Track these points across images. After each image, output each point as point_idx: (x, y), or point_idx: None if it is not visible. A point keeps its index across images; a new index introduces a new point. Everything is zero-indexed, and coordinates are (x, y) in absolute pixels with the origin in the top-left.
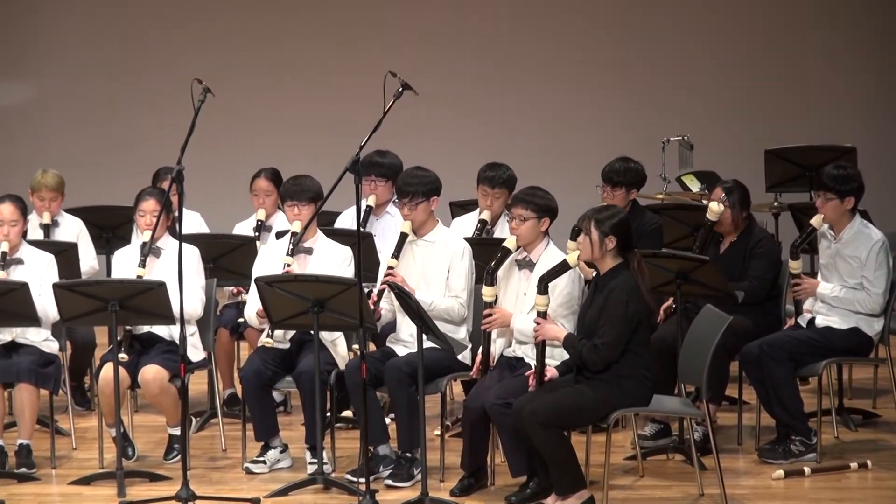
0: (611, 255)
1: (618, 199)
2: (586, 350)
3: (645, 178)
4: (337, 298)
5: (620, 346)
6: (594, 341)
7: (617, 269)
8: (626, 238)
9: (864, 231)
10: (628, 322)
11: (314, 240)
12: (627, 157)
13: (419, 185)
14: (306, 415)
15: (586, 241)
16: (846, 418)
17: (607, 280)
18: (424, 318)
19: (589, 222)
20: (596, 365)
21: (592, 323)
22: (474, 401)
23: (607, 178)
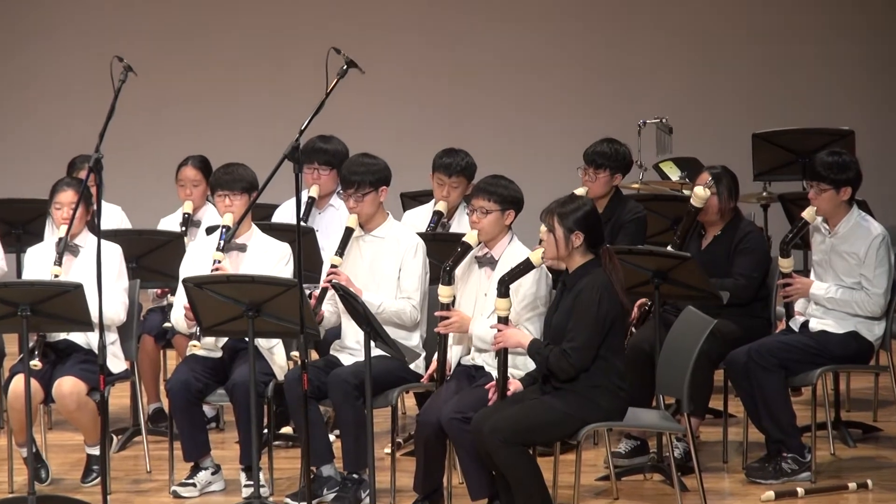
0: (579, 252)
1: (600, 183)
2: (553, 356)
3: (631, 163)
4: (274, 301)
5: (592, 350)
6: (562, 346)
7: (587, 267)
8: (595, 232)
9: (862, 224)
10: (600, 324)
11: (248, 235)
12: (614, 139)
13: (366, 174)
14: (241, 431)
15: (550, 238)
16: (844, 433)
17: (576, 279)
18: (372, 323)
19: (552, 217)
20: (565, 373)
21: (560, 327)
22: (429, 415)
23: (590, 160)
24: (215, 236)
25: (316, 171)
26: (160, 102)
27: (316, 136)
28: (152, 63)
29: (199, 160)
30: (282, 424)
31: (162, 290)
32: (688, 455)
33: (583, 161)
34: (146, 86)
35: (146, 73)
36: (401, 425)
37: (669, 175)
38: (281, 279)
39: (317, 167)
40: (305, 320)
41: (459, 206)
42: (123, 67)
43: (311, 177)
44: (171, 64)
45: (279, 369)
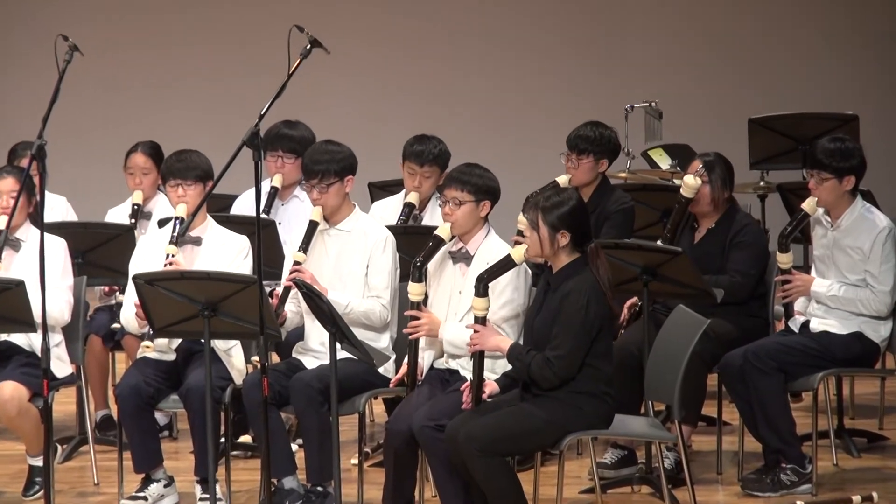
0: (565, 251)
1: (583, 170)
2: (536, 364)
3: (618, 149)
4: (232, 299)
5: (578, 359)
6: (546, 354)
7: (573, 267)
8: (583, 230)
9: (867, 217)
10: (587, 331)
11: (204, 228)
12: (599, 122)
13: (330, 163)
14: (196, 441)
15: (534, 236)
16: (847, 442)
17: (562, 279)
18: (338, 323)
19: (535, 213)
20: (548, 382)
21: (543, 330)
22: (399, 423)
23: (573, 145)
24: (168, 229)
25: (280, 159)
26: (109, 85)
27: (281, 121)
28: (100, 42)
29: (150, 146)
30: (240, 433)
31: (110, 287)
32: (679, 466)
33: (565, 146)
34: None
35: (94, 52)
36: (369, 434)
37: (659, 163)
38: (239, 276)
39: (281, 155)
40: (266, 320)
41: (432, 197)
42: (69, 47)
43: (275, 165)
44: (120, 43)
45: (237, 373)
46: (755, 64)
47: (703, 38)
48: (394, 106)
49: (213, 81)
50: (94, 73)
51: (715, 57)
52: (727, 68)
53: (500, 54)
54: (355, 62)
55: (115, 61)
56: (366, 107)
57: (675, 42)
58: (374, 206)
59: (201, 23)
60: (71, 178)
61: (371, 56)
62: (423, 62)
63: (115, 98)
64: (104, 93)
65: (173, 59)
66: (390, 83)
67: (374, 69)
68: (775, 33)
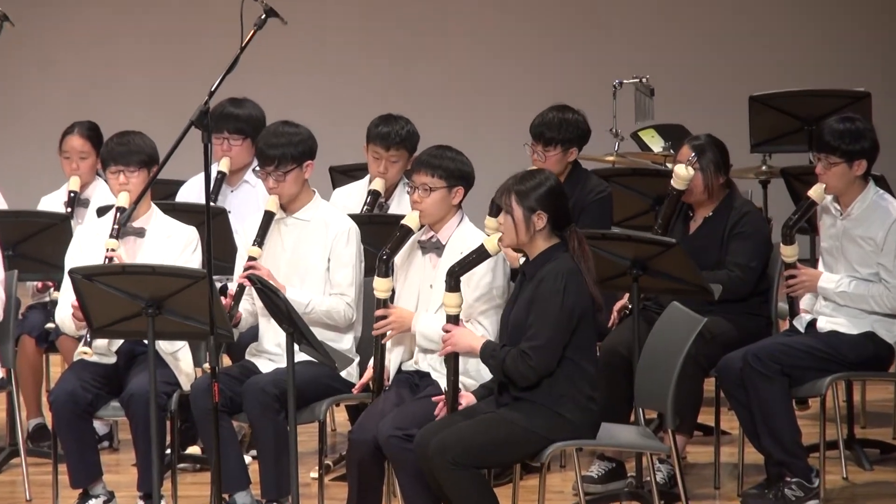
0: (542, 235)
1: (552, 161)
2: (511, 359)
3: (588, 132)
4: (179, 296)
5: (556, 350)
6: (521, 346)
7: (551, 252)
8: (561, 211)
9: (880, 204)
10: (565, 318)
11: (148, 218)
12: (565, 106)
13: (287, 147)
14: (139, 452)
15: (508, 221)
16: (858, 453)
17: (538, 266)
18: (297, 322)
19: (509, 196)
20: (524, 377)
21: (519, 324)
22: (363, 432)
23: (537, 134)
24: (108, 219)
25: (226, 142)
26: (42, 59)
27: (226, 99)
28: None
29: (88, 127)
30: (188, 444)
31: (44, 283)
32: (672, 480)
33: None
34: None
35: (26, 24)
36: (330, 444)
37: (650, 145)
38: (187, 270)
39: (227, 136)
40: (216, 319)
41: (399, 184)
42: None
43: (221, 148)
44: (56, 13)
45: (185, 378)
46: (757, 36)
47: (699, 7)
48: (357, 82)
49: (158, 57)
50: (27, 50)
51: (713, 27)
52: (726, 40)
53: (476, 26)
54: (314, 33)
55: (50, 37)
56: (326, 83)
57: (669, 11)
58: (336, 193)
59: (150, 10)
60: (0, 163)
61: (332, 26)
62: (391, 32)
63: (49, 76)
64: (38, 71)
65: (113, 32)
66: (353, 56)
67: (336, 40)
68: (779, 4)
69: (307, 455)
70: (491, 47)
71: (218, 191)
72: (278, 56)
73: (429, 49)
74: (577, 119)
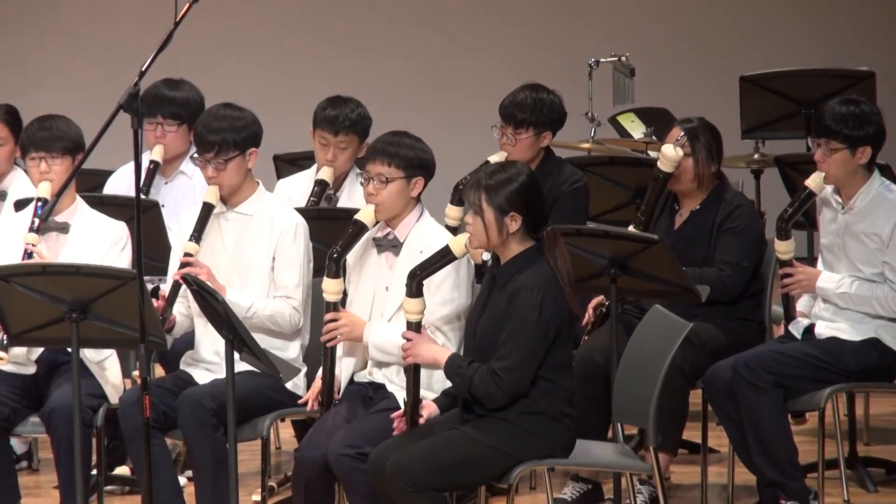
0: (515, 238)
1: (522, 146)
2: (480, 378)
3: (563, 115)
4: (107, 299)
5: (530, 371)
6: (492, 366)
7: (525, 258)
8: (537, 211)
9: (886, 196)
10: (541, 337)
11: (72, 211)
12: (538, 85)
13: (229, 132)
14: (61, 473)
15: (478, 223)
16: (861, 472)
17: (511, 273)
18: (237, 329)
19: (478, 193)
20: (494, 400)
21: (488, 336)
22: (311, 450)
23: (508, 115)
24: (27, 213)
25: (159, 127)
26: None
27: (160, 80)
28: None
29: (5, 111)
30: (116, 464)
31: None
32: (655, 502)
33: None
34: None
35: None
36: (274, 464)
37: (630, 131)
38: (115, 269)
39: (160, 121)
40: (148, 324)
41: (349, 173)
42: None
43: (154, 134)
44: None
45: (112, 390)
46: (749, 10)
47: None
48: (304, 61)
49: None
50: None
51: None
52: (715, 14)
53: (435, 3)
54: (258, 10)
55: None
56: (270, 63)
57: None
58: (279, 184)
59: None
60: None
61: (277, 2)
62: (342, 8)
63: None
64: None
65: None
66: (302, 32)
67: (282, 16)
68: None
69: (248, 476)
70: (451, 23)
71: (150, 182)
72: (218, 34)
73: (383, 27)
74: (553, 100)
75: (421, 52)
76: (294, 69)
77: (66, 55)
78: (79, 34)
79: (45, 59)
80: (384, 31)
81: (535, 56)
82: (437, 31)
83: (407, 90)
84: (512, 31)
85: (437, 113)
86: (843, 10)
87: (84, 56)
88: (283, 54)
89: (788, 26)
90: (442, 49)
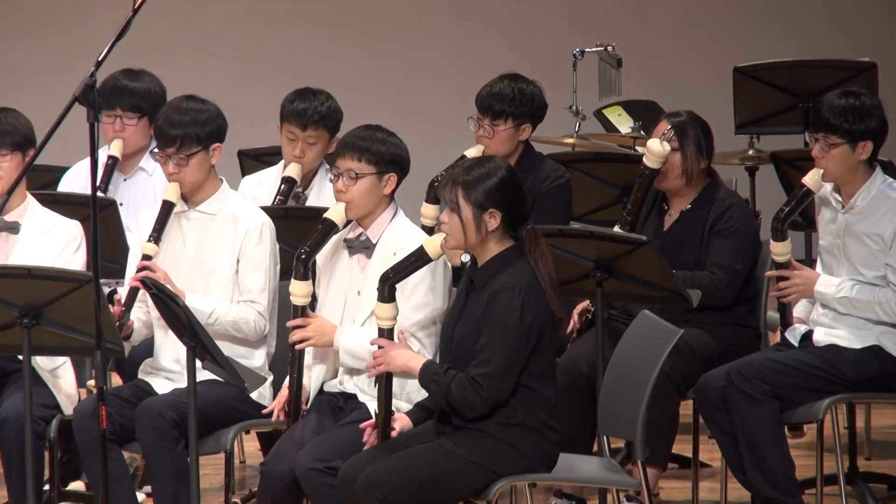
0: (494, 237)
1: (500, 139)
2: (457, 385)
3: (544, 107)
4: (60, 303)
5: (511, 378)
6: (470, 372)
7: (505, 258)
8: (517, 208)
9: (888, 195)
10: (523, 341)
11: (23, 210)
12: (517, 75)
13: (191, 126)
14: (11, 488)
15: (455, 221)
16: (862, 488)
17: (490, 274)
18: (200, 336)
19: (455, 190)
20: (473, 409)
21: (466, 342)
22: (278, 464)
23: (485, 106)
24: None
25: (118, 120)
26: None
27: (119, 70)
28: None
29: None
30: (70, 478)
31: None
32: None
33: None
34: None
35: None
36: (238, 479)
37: (617, 125)
38: (69, 272)
39: (119, 114)
40: (104, 330)
41: (319, 169)
42: None
43: (112, 128)
44: None
45: (66, 400)
46: None
47: None
48: (270, 53)
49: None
50: None
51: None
52: (708, 2)
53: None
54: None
55: None
56: (234, 54)
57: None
58: (245, 181)
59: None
60: None
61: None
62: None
63: None
64: None
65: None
66: (266, 22)
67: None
68: None
69: (211, 492)
70: (427, 9)
71: (108, 179)
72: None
73: (355, 12)
74: (533, 90)
75: (395, 42)
76: (260, 58)
77: (16, 43)
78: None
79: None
80: (354, 20)
81: (515, 46)
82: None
83: (379, 82)
84: (490, 19)
85: (411, 106)
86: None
87: (36, 44)
88: (248, 42)
89: (785, 14)
90: (416, 39)
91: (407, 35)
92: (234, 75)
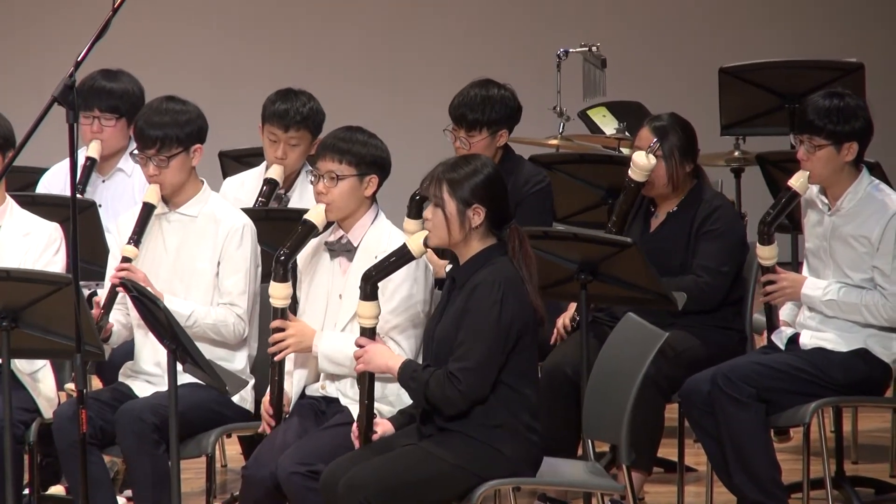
0: (477, 234)
1: (478, 148)
2: (435, 381)
3: (518, 109)
4: (39, 306)
5: (490, 373)
6: (448, 367)
7: (487, 255)
8: (501, 205)
9: (875, 196)
10: (502, 336)
11: (2, 211)
12: (488, 80)
13: (172, 127)
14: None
15: (438, 216)
16: (849, 493)
17: (470, 271)
18: (180, 339)
19: (440, 186)
20: (451, 405)
21: (446, 339)
22: (260, 468)
23: (458, 117)
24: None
25: (96, 121)
26: None
27: (97, 71)
28: None
29: None
30: (50, 482)
31: None
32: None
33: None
34: None
35: None
36: (220, 483)
37: (602, 127)
38: (49, 274)
39: (97, 115)
40: (83, 333)
41: (301, 171)
42: None
43: (91, 129)
44: None
45: (46, 403)
46: None
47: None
48: (252, 54)
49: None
50: None
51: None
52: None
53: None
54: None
55: None
56: (215, 55)
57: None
58: (226, 183)
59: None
60: None
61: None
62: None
63: None
64: None
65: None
66: (247, 23)
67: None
68: None
69: (192, 496)
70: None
71: (86, 180)
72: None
73: (337, 13)
74: (504, 95)
75: (377, 43)
76: (241, 59)
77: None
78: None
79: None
80: (337, 21)
81: (499, 46)
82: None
83: (361, 83)
84: (473, 19)
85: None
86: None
87: (14, 45)
88: (229, 43)
89: (771, 14)
90: (399, 40)
91: (390, 36)
92: (214, 76)
